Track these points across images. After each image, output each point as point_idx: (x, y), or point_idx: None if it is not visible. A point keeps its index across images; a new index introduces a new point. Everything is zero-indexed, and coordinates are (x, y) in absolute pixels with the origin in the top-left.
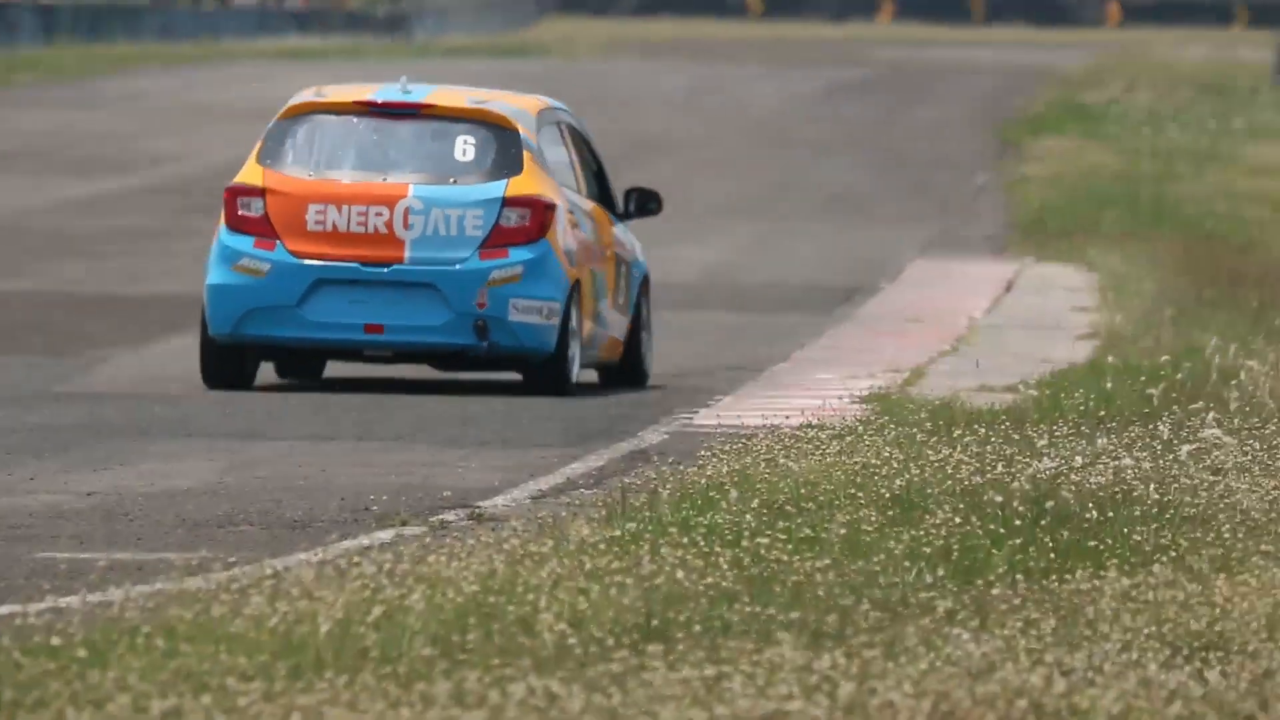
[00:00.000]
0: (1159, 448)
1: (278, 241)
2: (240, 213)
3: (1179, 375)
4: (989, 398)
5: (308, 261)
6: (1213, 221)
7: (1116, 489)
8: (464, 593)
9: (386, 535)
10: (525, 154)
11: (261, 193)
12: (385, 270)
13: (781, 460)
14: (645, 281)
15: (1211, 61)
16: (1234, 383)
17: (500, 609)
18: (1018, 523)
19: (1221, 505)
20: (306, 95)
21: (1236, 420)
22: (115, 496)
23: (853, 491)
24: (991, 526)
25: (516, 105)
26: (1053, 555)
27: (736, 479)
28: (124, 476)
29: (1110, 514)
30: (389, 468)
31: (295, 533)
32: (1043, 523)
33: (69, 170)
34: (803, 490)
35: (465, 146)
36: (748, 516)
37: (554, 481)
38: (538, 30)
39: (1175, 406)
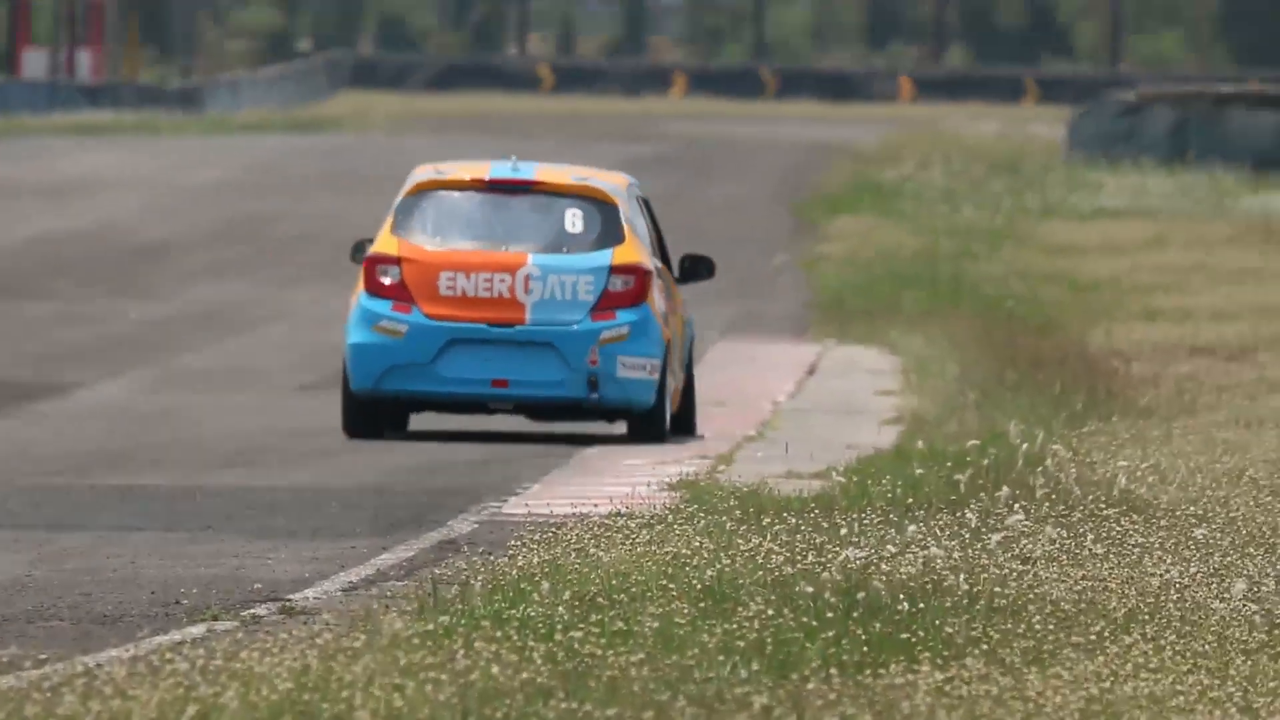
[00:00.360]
0: (967, 536)
1: (413, 305)
2: (379, 279)
3: (985, 461)
4: (797, 484)
5: (440, 323)
6: (1011, 301)
7: (927, 579)
8: (278, 690)
9: (198, 630)
10: (625, 226)
11: (397, 261)
12: (509, 330)
13: (592, 550)
14: (693, 340)
15: (1003, 138)
16: (1039, 469)
17: (315, 707)
18: (830, 615)
19: (1031, 595)
20: (427, 173)
21: (1044, 507)
22: None
23: (664, 582)
24: (804, 619)
25: (612, 181)
26: (866, 648)
27: (548, 570)
28: None
29: (921, 605)
30: (198, 559)
31: (106, 628)
32: (855, 614)
33: None
34: (614, 581)
35: (574, 219)
36: (560, 609)
37: (364, 573)
38: (331, 104)
39: (982, 493)
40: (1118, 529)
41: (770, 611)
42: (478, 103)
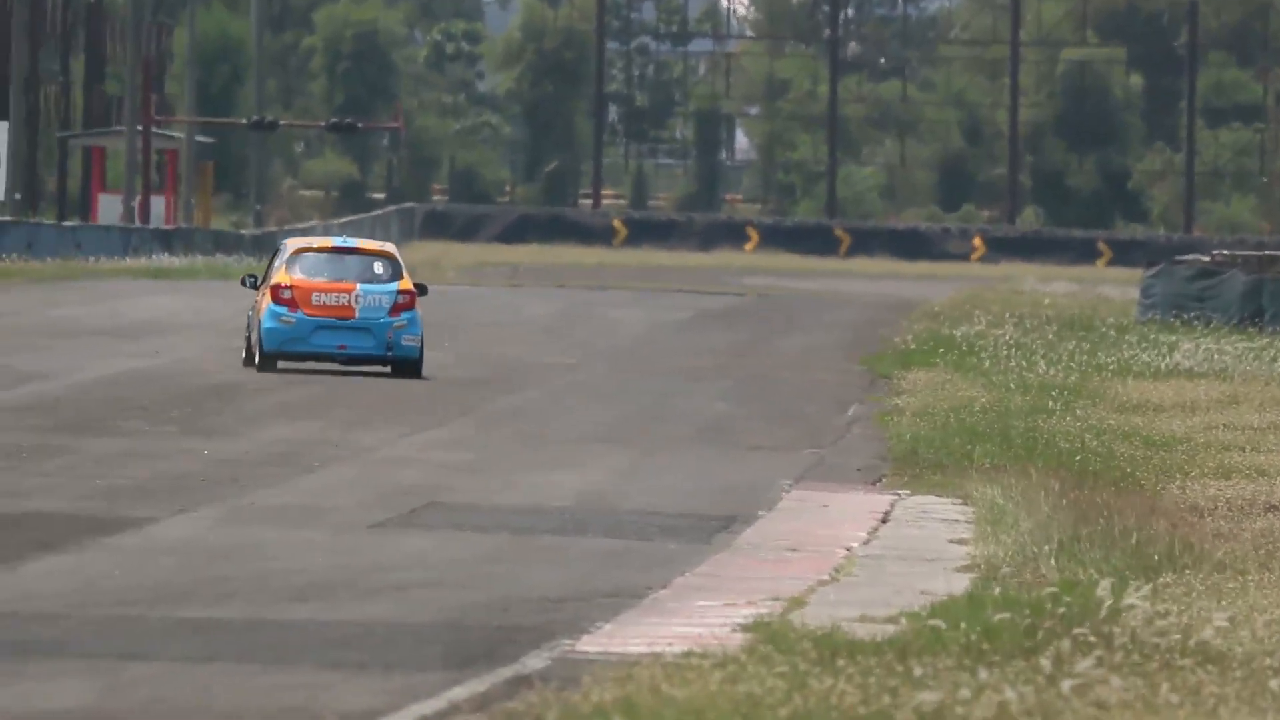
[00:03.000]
0: (1042, 681)
1: (298, 309)
2: (280, 295)
3: (1060, 609)
4: (871, 628)
5: (311, 317)
6: (1085, 457)
7: None
8: None
9: None
10: (404, 269)
11: (290, 287)
12: (348, 321)
13: (665, 688)
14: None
15: (1076, 298)
16: (1115, 618)
17: None
18: None
19: None
20: (299, 243)
21: (1118, 656)
22: None
23: None
24: None
25: (393, 248)
26: None
27: (620, 706)
28: (0, 697)
29: None
30: (270, 690)
31: None
32: None
33: None
34: (688, 719)
35: (378, 266)
36: None
37: (437, 705)
38: (405, 253)
39: (1056, 641)
40: (1193, 679)
41: None
42: (550, 253)
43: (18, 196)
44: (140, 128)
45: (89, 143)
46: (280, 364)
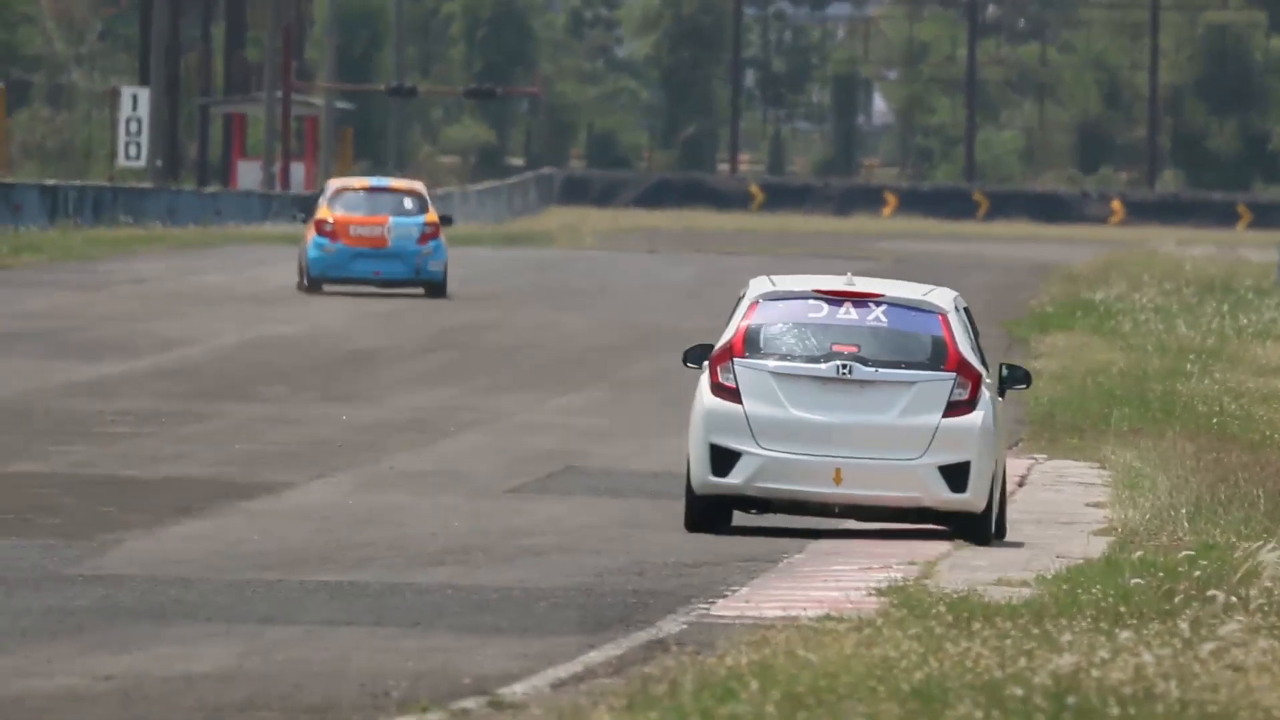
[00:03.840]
0: (1179, 645)
1: (338, 240)
2: (323, 229)
3: (1197, 572)
4: (1007, 591)
5: (350, 247)
6: (1223, 419)
7: (1138, 685)
8: None
9: None
10: (429, 204)
11: (331, 221)
12: (381, 250)
13: (800, 652)
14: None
15: (1215, 261)
16: (1253, 580)
17: None
18: (1040, 717)
19: (1243, 704)
20: (339, 183)
21: (1257, 618)
22: (133, 680)
23: (872, 684)
24: None
25: (420, 185)
26: None
27: (756, 670)
28: (141, 660)
29: (1132, 710)
30: (407, 653)
31: (315, 718)
32: (1065, 718)
33: (75, 353)
34: (822, 682)
35: (407, 202)
36: (769, 707)
37: (573, 669)
38: (542, 219)
39: (1194, 603)
40: None
41: (979, 714)
42: (687, 218)
43: (159, 164)
44: (280, 94)
45: (229, 110)
46: (325, 287)
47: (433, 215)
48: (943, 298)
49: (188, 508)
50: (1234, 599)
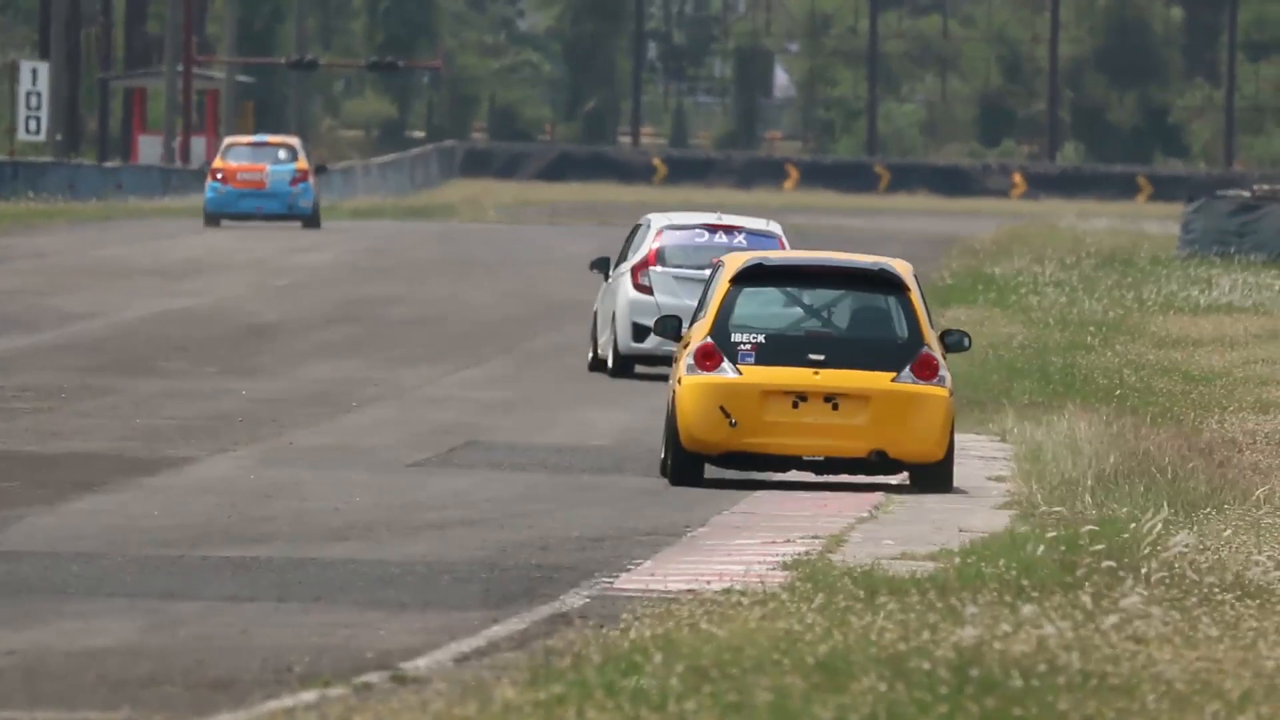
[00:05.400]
0: (1081, 617)
1: (226, 184)
2: (215, 175)
3: (1099, 546)
4: (910, 565)
5: (236, 189)
6: (1124, 392)
7: (1040, 657)
8: None
9: (310, 696)
10: (306, 159)
11: (222, 170)
12: (260, 191)
13: (705, 625)
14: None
15: (1116, 234)
16: (1154, 553)
17: None
18: (943, 690)
19: (1145, 675)
20: (230, 140)
21: (1158, 591)
22: (35, 655)
23: (777, 657)
24: (918, 694)
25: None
26: None
27: (660, 643)
28: (43, 635)
29: (1035, 682)
30: (310, 628)
31: (218, 693)
32: (968, 691)
33: None
34: (727, 655)
35: (283, 153)
36: (673, 680)
37: (476, 643)
38: (443, 192)
39: (1096, 576)
40: (1232, 613)
41: (883, 687)
42: (590, 191)
43: (59, 138)
44: (181, 68)
45: (130, 83)
46: (222, 222)
47: (303, 163)
48: (776, 228)
49: (89, 483)
50: (1136, 572)
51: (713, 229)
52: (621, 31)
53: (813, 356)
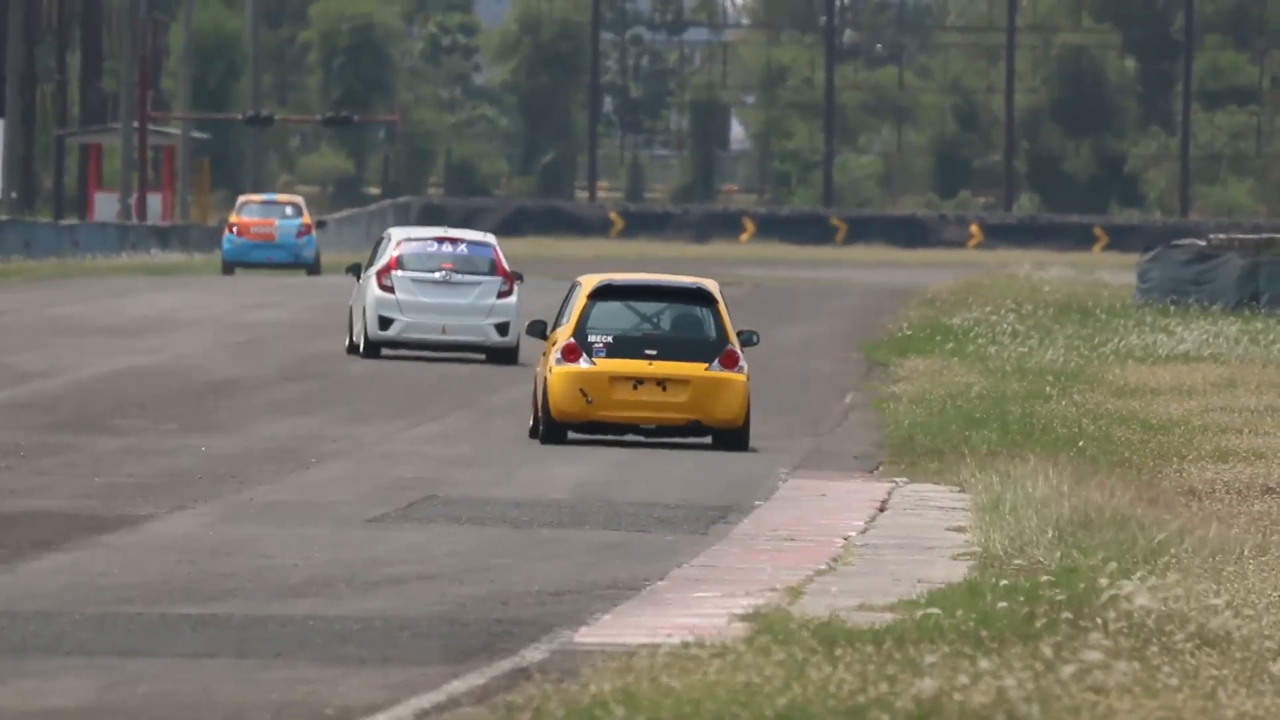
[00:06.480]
0: (1041, 668)
1: (243, 237)
2: (232, 229)
3: (1059, 596)
4: (869, 617)
5: (248, 241)
6: (1083, 442)
7: (999, 708)
8: None
9: None
10: (308, 217)
11: (235, 224)
12: (272, 243)
13: (664, 679)
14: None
15: (1073, 283)
16: (1114, 603)
17: None
18: None
19: None
20: (244, 199)
21: (1118, 641)
22: None
23: (736, 710)
24: None
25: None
26: None
27: (620, 696)
28: (1, 695)
29: None
30: (270, 685)
31: None
32: None
33: None
34: (687, 708)
35: (290, 210)
36: None
37: (436, 699)
38: None
39: (1056, 627)
40: (1192, 662)
41: None
42: (547, 245)
43: (14, 195)
44: (136, 124)
45: (85, 140)
46: (236, 270)
47: (307, 219)
48: (491, 239)
49: (47, 541)
50: (1096, 621)
51: (440, 240)
52: (577, 85)
53: (648, 351)
